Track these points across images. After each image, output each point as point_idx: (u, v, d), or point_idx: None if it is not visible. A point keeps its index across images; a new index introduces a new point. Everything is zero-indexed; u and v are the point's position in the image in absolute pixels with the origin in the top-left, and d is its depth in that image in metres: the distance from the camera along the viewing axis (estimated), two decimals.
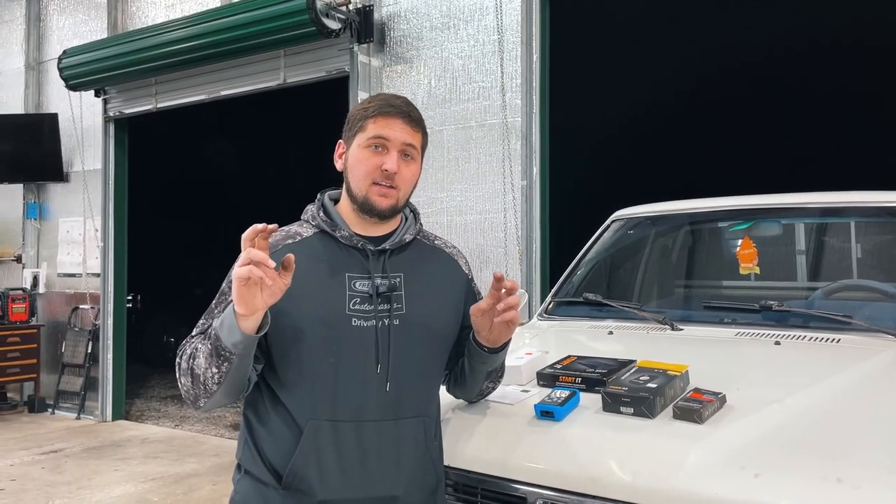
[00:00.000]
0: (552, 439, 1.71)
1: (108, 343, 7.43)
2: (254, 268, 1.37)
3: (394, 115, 1.66)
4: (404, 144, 1.67)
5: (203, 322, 1.67)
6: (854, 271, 3.04)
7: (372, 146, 1.66)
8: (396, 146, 1.66)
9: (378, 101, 1.70)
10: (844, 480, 1.41)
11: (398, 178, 1.66)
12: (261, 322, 1.47)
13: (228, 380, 1.52)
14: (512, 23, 4.95)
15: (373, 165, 1.65)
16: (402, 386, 1.64)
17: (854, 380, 1.92)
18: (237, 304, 1.42)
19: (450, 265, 1.82)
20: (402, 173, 1.67)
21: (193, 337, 1.65)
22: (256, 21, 5.65)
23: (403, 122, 1.67)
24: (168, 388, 9.08)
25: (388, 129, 1.65)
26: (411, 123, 1.68)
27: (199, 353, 1.54)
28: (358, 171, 1.67)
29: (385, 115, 1.66)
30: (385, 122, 1.66)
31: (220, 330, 1.47)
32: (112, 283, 7.45)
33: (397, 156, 1.66)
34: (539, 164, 4.91)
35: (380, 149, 1.66)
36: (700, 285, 3.30)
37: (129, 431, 6.93)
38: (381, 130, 1.65)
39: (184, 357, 1.59)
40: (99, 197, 7.43)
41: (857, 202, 2.96)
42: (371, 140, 1.66)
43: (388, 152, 1.65)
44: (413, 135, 1.68)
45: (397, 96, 1.74)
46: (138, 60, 6.49)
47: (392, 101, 1.70)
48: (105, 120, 7.39)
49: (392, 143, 1.65)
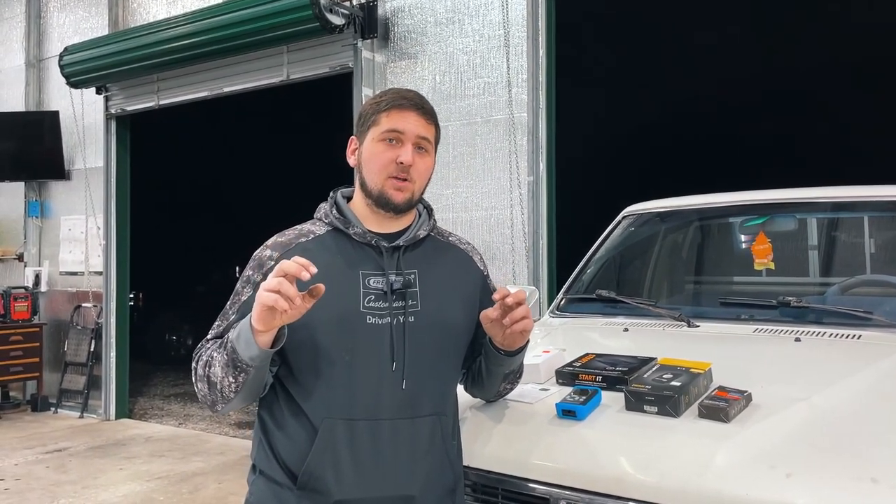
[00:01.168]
0: (575, 439, 1.68)
1: (111, 341, 7.39)
2: (280, 299, 1.37)
3: (407, 108, 1.64)
4: (418, 137, 1.65)
5: (218, 324, 1.66)
6: (868, 266, 3.01)
7: (386, 139, 1.64)
8: (411, 139, 1.64)
9: (390, 94, 1.68)
10: (880, 480, 1.38)
11: (413, 170, 1.64)
12: (276, 335, 1.47)
13: (245, 388, 1.54)
14: (517, 18, 4.91)
15: (388, 159, 1.63)
16: (418, 384, 1.61)
17: (879, 377, 1.88)
18: (256, 321, 1.43)
19: (465, 261, 1.80)
20: (417, 166, 1.65)
21: (209, 341, 1.64)
22: (259, 17, 5.60)
23: (417, 115, 1.65)
24: (171, 386, 9.06)
25: (402, 122, 1.63)
26: (425, 116, 1.66)
27: (214, 361, 1.54)
28: (373, 165, 1.65)
29: (398, 108, 1.64)
30: (399, 115, 1.64)
31: (237, 343, 1.48)
32: (115, 280, 7.41)
33: (412, 148, 1.64)
34: (545, 159, 4.88)
35: (394, 142, 1.64)
36: (714, 281, 3.27)
37: (132, 430, 6.90)
38: (394, 123, 1.63)
39: (200, 363, 1.59)
40: (101, 195, 7.39)
41: (871, 196, 2.92)
42: (385, 133, 1.64)
43: (403, 145, 1.63)
44: (426, 127, 1.66)
45: (409, 90, 1.72)
46: (140, 57, 6.44)
47: (405, 94, 1.68)
48: (107, 117, 7.34)
49: (406, 136, 1.63)
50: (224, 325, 1.64)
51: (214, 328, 1.66)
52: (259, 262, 1.66)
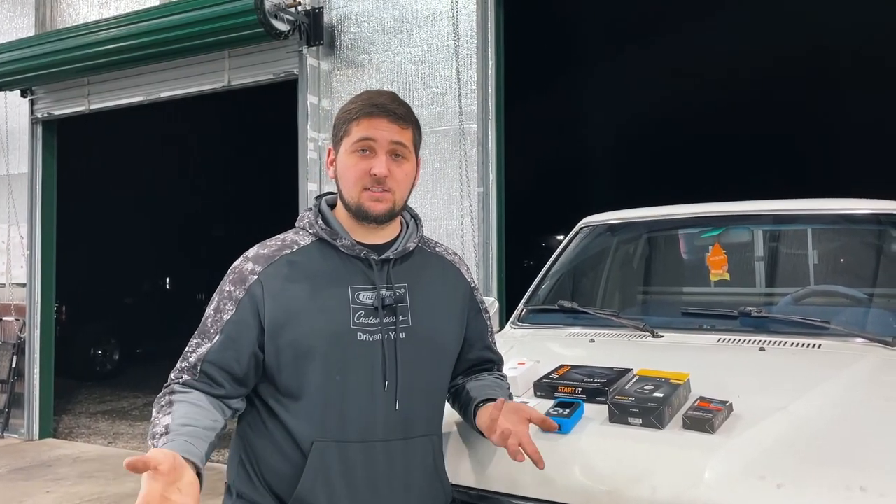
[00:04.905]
0: (562, 453, 1.66)
1: (34, 356, 7.01)
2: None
3: (377, 115, 1.57)
4: (392, 144, 1.57)
5: (197, 342, 1.53)
6: (812, 277, 3.11)
7: (359, 150, 1.57)
8: (384, 147, 1.56)
9: (361, 101, 1.60)
10: (868, 489, 1.40)
11: (390, 180, 1.57)
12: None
13: None
14: (467, 29, 4.91)
15: (361, 171, 1.56)
16: (411, 403, 1.56)
17: (847, 385, 1.93)
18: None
19: (453, 274, 1.75)
20: (395, 174, 1.58)
21: (182, 372, 1.51)
22: (199, 21, 5.42)
23: (389, 121, 1.57)
24: (98, 403, 8.65)
25: (374, 131, 1.56)
26: (398, 121, 1.58)
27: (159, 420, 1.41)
28: (348, 178, 1.58)
29: (368, 115, 1.57)
30: (369, 124, 1.56)
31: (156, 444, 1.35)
32: (39, 293, 7.04)
33: (386, 157, 1.56)
34: (496, 170, 4.89)
35: (367, 152, 1.57)
36: (669, 292, 3.32)
37: (58, 450, 6.54)
38: (365, 133, 1.56)
39: (162, 399, 1.47)
40: (25, 202, 7.01)
41: (820, 209, 3.03)
42: (357, 144, 1.57)
43: (377, 155, 1.56)
44: (401, 132, 1.59)
45: (382, 92, 1.64)
46: (69, 60, 6.15)
47: (375, 99, 1.60)
48: (32, 121, 7.00)
49: (379, 145, 1.56)
50: (204, 344, 1.51)
51: (192, 347, 1.53)
52: (240, 276, 1.56)
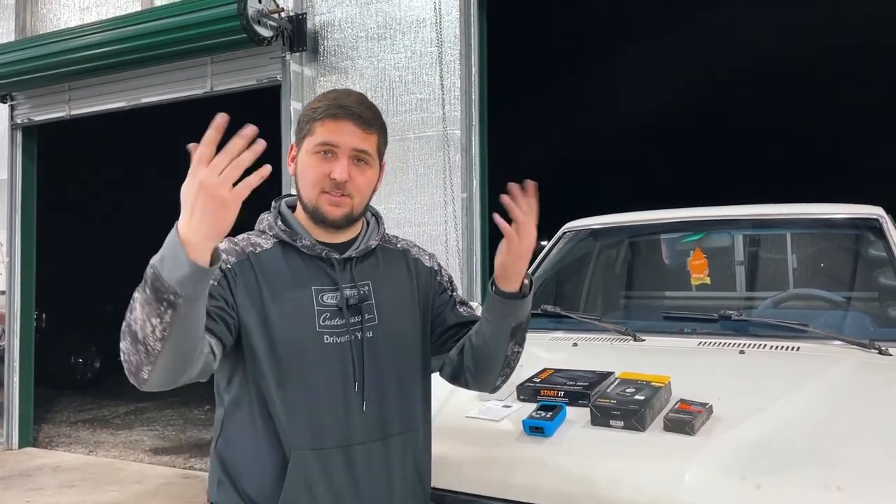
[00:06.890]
0: (545, 455, 1.67)
1: (14, 365, 6.92)
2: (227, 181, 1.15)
3: (342, 118, 1.51)
4: (355, 150, 1.53)
5: None
6: (796, 281, 3.15)
7: (321, 152, 1.52)
8: (346, 152, 1.51)
9: (327, 100, 1.55)
10: (845, 489, 1.43)
11: (350, 185, 1.52)
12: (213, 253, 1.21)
13: (174, 335, 1.21)
14: (451, 36, 4.93)
15: (321, 174, 1.51)
16: (384, 402, 1.54)
17: (827, 387, 1.96)
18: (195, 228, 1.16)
19: (413, 263, 1.72)
20: (355, 180, 1.53)
21: None
22: (182, 27, 5.40)
23: (354, 125, 1.52)
24: (78, 412, 8.56)
25: (337, 135, 1.51)
26: (363, 126, 1.53)
27: (135, 302, 1.21)
28: (307, 179, 1.54)
29: (333, 117, 1.51)
30: (333, 126, 1.51)
31: (161, 266, 1.17)
32: (19, 300, 6.95)
33: (347, 162, 1.51)
34: (479, 176, 4.90)
35: (329, 154, 1.52)
36: (653, 296, 3.35)
37: (38, 459, 6.47)
38: (328, 136, 1.51)
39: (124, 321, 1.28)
40: (4, 209, 6.95)
41: (798, 214, 3.06)
42: (319, 146, 1.52)
43: (338, 159, 1.51)
44: (365, 138, 1.54)
45: (350, 93, 1.58)
46: (49, 65, 6.09)
47: (342, 100, 1.54)
48: (12, 127, 6.92)
49: (341, 150, 1.51)
50: None
51: None
52: None
